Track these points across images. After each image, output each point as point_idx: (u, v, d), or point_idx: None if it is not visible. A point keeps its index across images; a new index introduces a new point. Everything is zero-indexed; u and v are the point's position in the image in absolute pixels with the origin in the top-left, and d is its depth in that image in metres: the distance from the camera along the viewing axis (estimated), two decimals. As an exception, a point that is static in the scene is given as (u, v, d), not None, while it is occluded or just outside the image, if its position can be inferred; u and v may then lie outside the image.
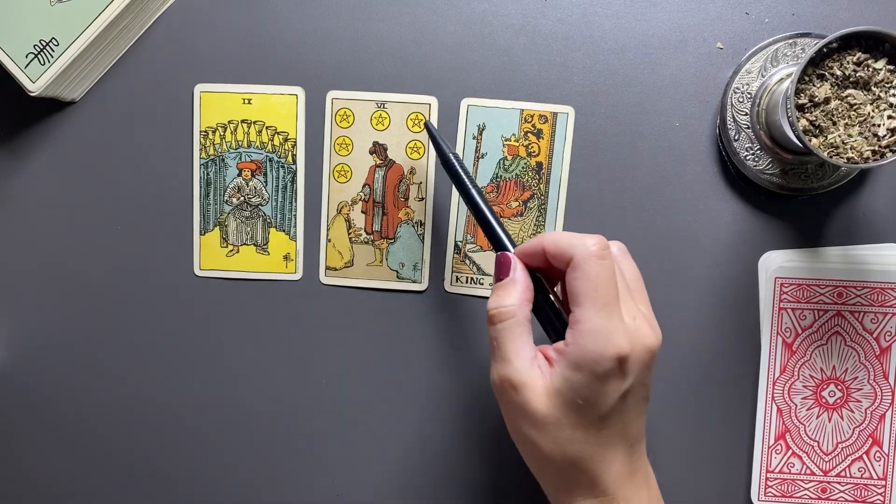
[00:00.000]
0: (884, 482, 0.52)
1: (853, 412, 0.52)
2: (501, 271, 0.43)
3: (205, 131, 0.53)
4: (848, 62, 0.43)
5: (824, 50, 0.43)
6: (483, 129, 0.52)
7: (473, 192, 0.46)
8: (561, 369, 0.39)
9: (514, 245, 0.44)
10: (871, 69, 0.43)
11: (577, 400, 0.39)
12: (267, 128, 0.53)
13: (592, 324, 0.39)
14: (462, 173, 0.46)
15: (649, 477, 0.43)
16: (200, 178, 0.54)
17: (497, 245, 0.44)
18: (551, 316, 0.43)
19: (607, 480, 0.40)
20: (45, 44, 0.50)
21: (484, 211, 0.45)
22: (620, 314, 0.39)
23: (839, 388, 0.51)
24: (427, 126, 0.49)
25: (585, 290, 0.39)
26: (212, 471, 0.55)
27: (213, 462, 0.55)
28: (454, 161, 0.47)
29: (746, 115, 0.50)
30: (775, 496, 0.52)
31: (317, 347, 0.54)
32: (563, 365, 0.39)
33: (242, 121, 0.53)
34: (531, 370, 0.40)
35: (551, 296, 0.43)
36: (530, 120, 0.52)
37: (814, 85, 0.44)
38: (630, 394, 0.40)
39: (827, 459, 0.52)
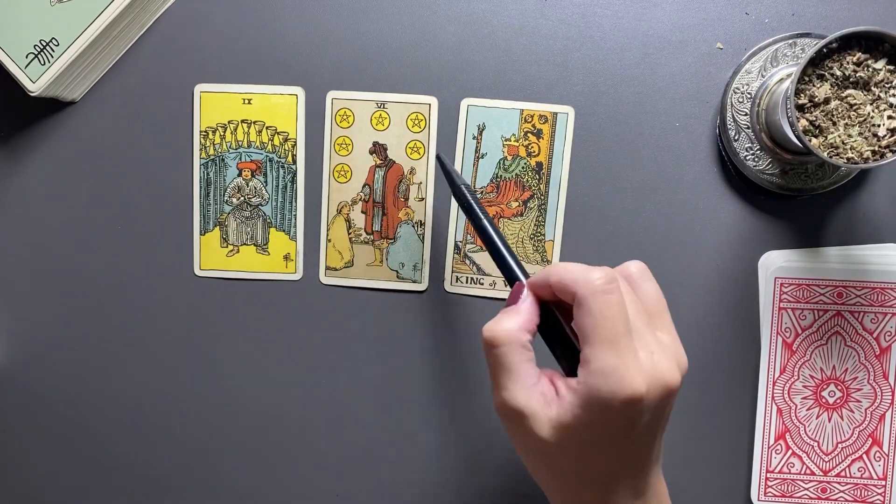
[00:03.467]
0: (884, 482, 0.52)
1: (853, 412, 0.52)
2: (510, 300, 0.41)
3: (205, 131, 0.53)
4: (848, 62, 0.43)
5: (824, 50, 0.43)
6: (483, 129, 0.52)
7: (486, 223, 0.44)
8: (570, 405, 0.37)
9: (526, 276, 0.42)
10: (871, 69, 0.43)
11: (585, 435, 0.37)
12: (267, 128, 0.53)
13: (602, 363, 0.36)
14: (475, 205, 0.45)
15: (659, 496, 0.41)
16: (200, 178, 0.54)
17: (509, 276, 0.43)
18: (562, 348, 0.41)
19: (613, 502, 0.39)
20: (45, 44, 0.50)
21: (497, 243, 0.44)
22: (634, 350, 0.37)
23: (839, 388, 0.51)
24: (439, 159, 0.49)
25: (591, 328, 0.37)
26: (212, 470, 0.55)
27: (213, 461, 0.55)
28: (466, 193, 0.46)
29: (746, 115, 0.50)
30: (775, 496, 0.52)
31: (317, 347, 0.54)
32: (573, 401, 0.37)
33: (242, 121, 0.53)
34: (532, 398, 0.38)
35: (567, 328, 0.41)
36: (530, 120, 0.52)
37: (814, 85, 0.44)
38: (645, 427, 0.38)
39: (827, 459, 0.52)
